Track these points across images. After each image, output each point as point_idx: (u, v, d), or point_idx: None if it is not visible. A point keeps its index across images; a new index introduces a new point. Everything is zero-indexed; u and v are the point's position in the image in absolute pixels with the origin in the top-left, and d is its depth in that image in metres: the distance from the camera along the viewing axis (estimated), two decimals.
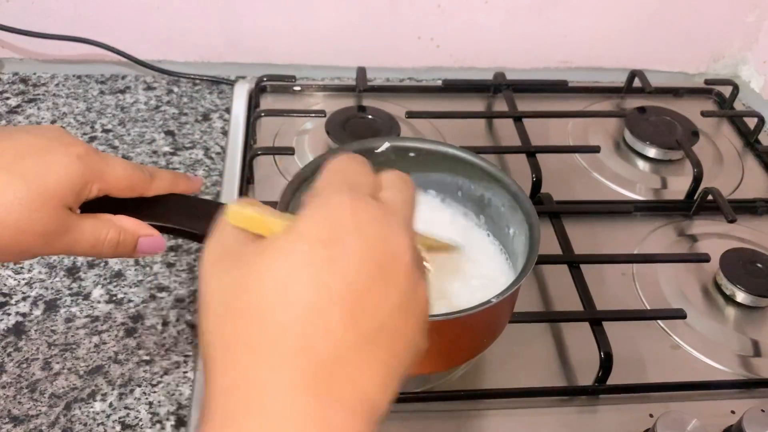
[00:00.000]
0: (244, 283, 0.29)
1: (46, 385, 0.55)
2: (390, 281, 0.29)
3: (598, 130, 0.85)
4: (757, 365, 0.60)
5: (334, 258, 0.28)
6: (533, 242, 0.49)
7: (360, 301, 0.28)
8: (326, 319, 0.27)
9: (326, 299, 0.28)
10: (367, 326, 0.28)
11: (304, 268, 0.28)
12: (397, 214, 0.32)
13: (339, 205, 0.30)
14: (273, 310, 0.27)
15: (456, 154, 0.56)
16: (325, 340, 0.27)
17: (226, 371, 0.28)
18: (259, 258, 0.29)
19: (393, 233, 0.30)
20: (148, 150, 0.77)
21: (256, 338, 0.27)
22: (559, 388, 0.57)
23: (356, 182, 0.33)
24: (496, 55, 0.94)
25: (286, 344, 0.27)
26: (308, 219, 0.30)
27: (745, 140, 0.86)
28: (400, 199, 0.33)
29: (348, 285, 0.28)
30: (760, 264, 0.66)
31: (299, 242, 0.29)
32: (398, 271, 0.30)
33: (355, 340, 0.28)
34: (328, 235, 0.29)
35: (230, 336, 0.28)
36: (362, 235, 0.29)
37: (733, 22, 0.94)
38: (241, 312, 0.28)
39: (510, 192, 0.54)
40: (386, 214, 0.31)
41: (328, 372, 0.27)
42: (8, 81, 0.86)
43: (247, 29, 0.88)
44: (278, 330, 0.27)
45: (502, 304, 0.46)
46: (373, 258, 0.29)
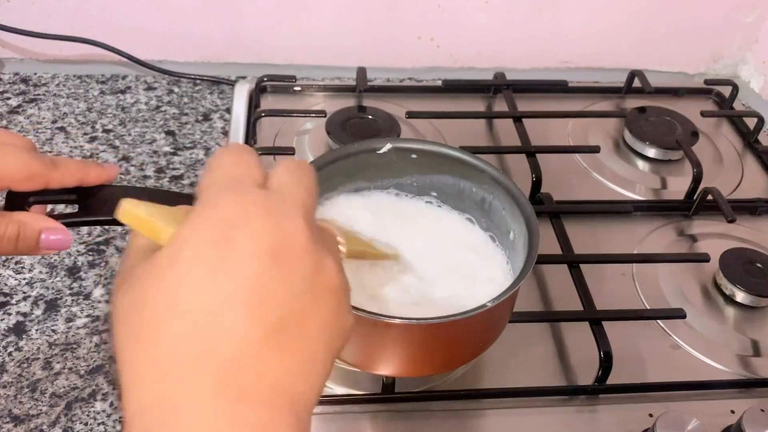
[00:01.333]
0: (138, 302, 0.28)
1: (46, 384, 0.55)
2: (287, 267, 0.29)
3: (598, 130, 0.85)
4: (757, 365, 0.60)
5: (223, 256, 0.28)
6: (532, 245, 0.49)
7: (258, 293, 0.28)
8: (224, 320, 0.27)
9: (221, 300, 0.27)
10: (271, 317, 0.28)
11: (192, 274, 0.27)
12: (287, 199, 0.31)
13: (222, 202, 0.29)
14: (168, 323, 0.27)
15: (458, 156, 0.57)
16: (227, 340, 0.27)
17: (137, 392, 0.27)
18: (149, 273, 0.28)
19: (282, 218, 0.29)
20: (148, 150, 0.77)
21: (156, 355, 0.27)
22: (559, 388, 0.57)
23: (239, 175, 0.31)
24: (496, 55, 0.94)
25: (186, 354, 0.27)
26: (192, 222, 0.29)
27: (745, 140, 0.86)
28: (291, 182, 0.32)
29: (243, 280, 0.27)
30: (759, 264, 0.66)
31: (184, 248, 0.28)
32: (294, 254, 0.29)
33: (262, 333, 0.27)
34: (213, 234, 0.28)
35: (134, 357, 0.28)
36: (249, 227, 0.28)
37: (733, 23, 0.94)
38: (140, 331, 0.28)
39: (511, 194, 0.54)
40: (274, 201, 0.30)
41: (235, 371, 0.27)
42: (9, 81, 0.86)
43: (247, 29, 0.88)
44: (176, 342, 0.27)
45: (502, 306, 0.46)
46: (265, 247, 0.28)
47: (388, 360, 0.50)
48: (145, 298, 0.28)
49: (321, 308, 0.30)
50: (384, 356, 0.49)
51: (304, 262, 0.29)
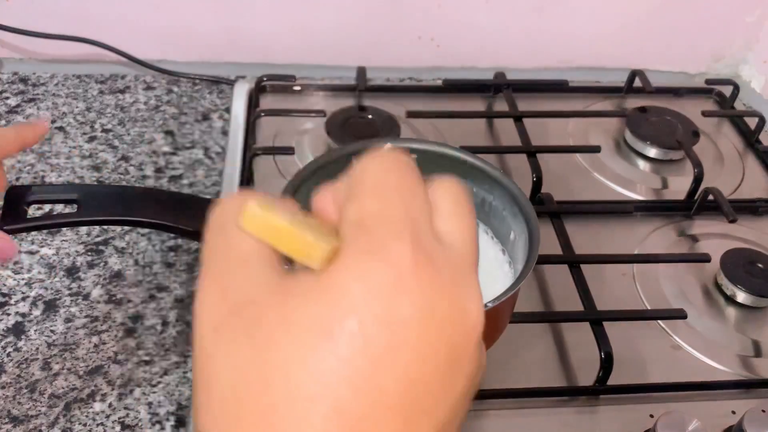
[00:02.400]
0: (265, 370, 0.21)
1: (45, 385, 0.55)
2: (458, 368, 0.23)
3: (599, 130, 0.84)
4: (758, 365, 0.60)
5: (393, 347, 0.21)
6: (533, 246, 0.49)
7: (420, 402, 0.22)
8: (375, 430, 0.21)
9: (376, 406, 0.21)
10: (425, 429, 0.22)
11: (351, 362, 0.21)
12: (465, 263, 0.24)
13: (400, 262, 0.22)
14: (305, 418, 0.21)
15: (458, 155, 0.56)
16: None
17: None
18: (287, 333, 0.21)
19: (468, 301, 0.23)
20: (147, 150, 0.77)
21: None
22: (560, 389, 0.57)
23: (416, 216, 0.24)
24: (497, 54, 0.93)
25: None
26: (359, 275, 0.22)
27: (746, 140, 0.86)
28: (465, 233, 0.25)
29: (407, 384, 0.21)
30: (760, 264, 0.66)
31: (347, 317, 0.21)
32: (468, 351, 0.23)
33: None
34: (385, 310, 0.21)
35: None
36: (431, 310, 0.22)
37: (734, 22, 0.94)
38: (261, 414, 0.21)
39: (511, 195, 0.54)
40: (456, 272, 0.23)
41: None
42: (8, 81, 0.86)
43: (247, 29, 0.88)
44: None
45: (502, 306, 0.46)
46: (442, 343, 0.22)
47: None
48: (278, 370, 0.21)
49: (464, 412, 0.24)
50: None
51: (475, 361, 0.23)
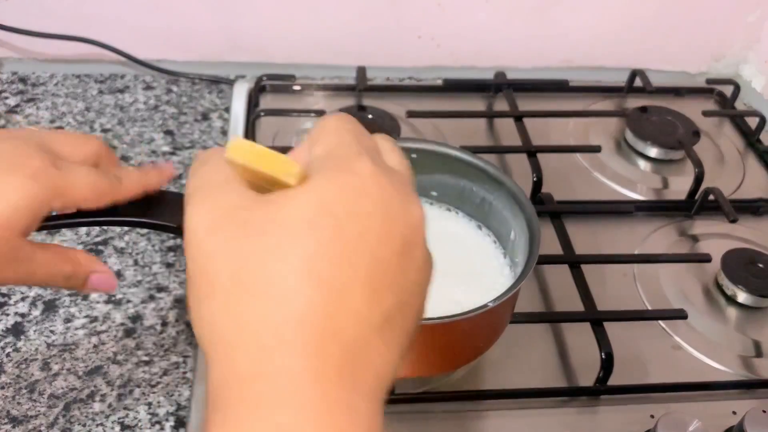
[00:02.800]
0: (260, 255, 0.26)
1: (45, 385, 0.54)
2: (410, 255, 0.28)
3: (599, 129, 0.84)
4: (759, 366, 0.60)
5: (362, 233, 0.27)
6: (533, 246, 0.49)
7: (384, 277, 0.27)
8: (351, 299, 0.26)
9: (353, 279, 0.26)
10: (387, 304, 0.27)
11: (331, 245, 0.26)
12: (407, 181, 0.30)
13: (361, 171, 0.28)
14: (297, 289, 0.25)
15: (458, 155, 0.56)
16: (350, 321, 0.26)
17: (246, 355, 0.25)
18: (278, 226, 0.26)
19: (411, 203, 0.29)
20: (147, 150, 0.77)
21: (278, 320, 0.25)
22: (560, 389, 0.56)
23: (369, 147, 0.30)
24: (497, 54, 0.93)
25: (311, 328, 0.25)
26: (331, 183, 0.27)
27: (747, 140, 0.86)
28: (403, 164, 0.31)
29: (373, 261, 0.27)
30: (761, 264, 0.66)
31: (326, 214, 0.26)
32: (417, 244, 0.29)
33: (377, 319, 0.26)
34: (354, 206, 0.27)
35: (247, 315, 0.25)
36: (388, 207, 0.28)
37: (735, 22, 0.94)
38: (259, 288, 0.25)
39: (512, 194, 0.54)
40: (401, 182, 0.29)
41: (352, 356, 0.25)
42: (7, 80, 0.86)
43: (246, 29, 0.88)
44: (303, 312, 0.25)
45: (502, 307, 0.46)
46: (396, 232, 0.28)
47: None
48: (272, 253, 0.26)
49: (418, 301, 0.29)
50: None
51: (422, 252, 0.29)
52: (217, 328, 0.26)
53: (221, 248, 0.27)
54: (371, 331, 0.26)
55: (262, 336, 0.25)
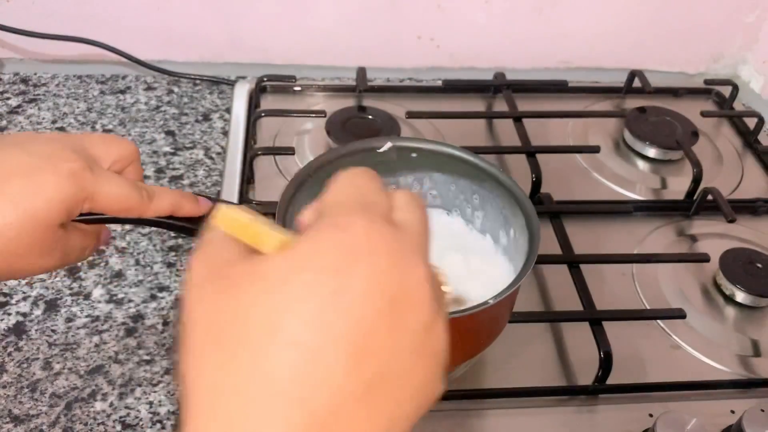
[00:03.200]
0: (233, 312, 0.25)
1: (46, 384, 0.55)
2: (402, 319, 0.26)
3: (598, 130, 0.85)
4: (757, 365, 0.60)
5: (340, 291, 0.25)
6: (533, 244, 0.49)
7: (365, 341, 0.25)
8: (325, 364, 0.24)
9: (327, 340, 0.24)
10: (371, 371, 0.25)
11: (305, 303, 0.25)
12: (414, 240, 0.28)
13: (350, 228, 0.26)
14: (266, 350, 0.24)
15: (458, 154, 0.57)
16: (323, 388, 0.24)
17: (213, 416, 0.24)
18: (253, 282, 0.26)
19: (410, 262, 0.27)
20: (148, 150, 0.77)
21: (245, 381, 0.24)
22: (559, 388, 0.57)
23: (370, 201, 0.29)
24: (496, 55, 0.94)
25: (278, 392, 0.24)
26: (313, 241, 0.26)
27: (745, 140, 0.86)
28: (415, 222, 0.29)
29: (354, 323, 0.25)
30: (759, 264, 0.66)
31: (302, 270, 0.25)
32: (413, 306, 0.26)
33: (356, 387, 0.25)
34: (335, 262, 0.25)
35: (216, 374, 0.25)
36: (374, 264, 0.26)
37: (733, 23, 0.94)
38: (230, 348, 0.25)
39: (511, 193, 0.54)
40: (402, 240, 0.27)
41: (323, 425, 0.24)
42: (9, 81, 0.86)
43: (247, 29, 0.88)
44: (271, 374, 0.24)
45: (501, 305, 0.46)
46: (385, 291, 0.25)
47: None
48: (246, 311, 0.25)
49: (420, 371, 0.27)
50: None
51: (421, 318, 0.26)
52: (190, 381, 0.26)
53: (202, 301, 0.27)
54: (346, 399, 0.24)
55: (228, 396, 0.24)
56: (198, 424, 0.25)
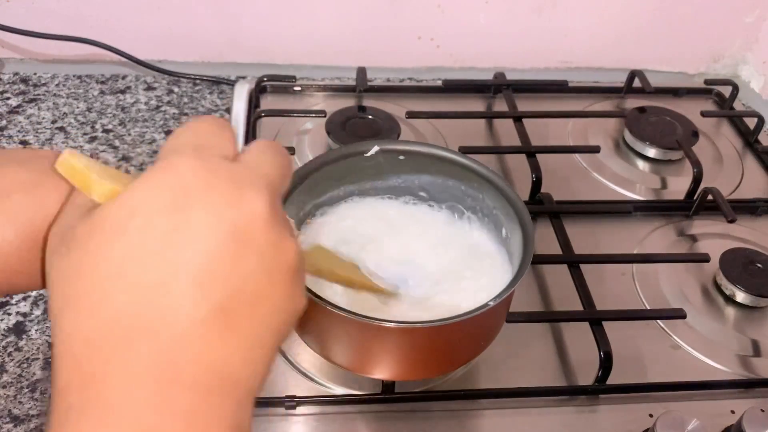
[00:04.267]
0: (78, 269, 0.26)
1: (46, 384, 0.55)
2: (246, 243, 0.27)
3: (598, 130, 0.85)
4: (757, 365, 0.60)
5: (176, 227, 0.26)
6: (527, 242, 0.49)
7: (211, 269, 0.26)
8: (171, 296, 0.25)
9: (170, 274, 0.25)
10: (221, 295, 0.26)
11: (141, 245, 0.26)
12: (254, 173, 0.29)
13: (180, 167, 0.27)
14: (110, 296, 0.25)
15: (445, 155, 0.56)
16: (168, 319, 0.25)
17: (64, 368, 0.25)
18: (91, 237, 0.26)
19: (246, 192, 0.27)
20: (148, 150, 0.77)
21: (90, 329, 0.25)
22: (559, 388, 0.57)
23: (205, 143, 0.29)
24: (496, 55, 0.94)
25: (124, 330, 0.25)
26: (145, 186, 0.27)
27: (745, 140, 0.86)
28: (262, 159, 0.30)
29: (195, 255, 0.26)
30: (759, 264, 0.66)
31: (135, 215, 0.26)
32: (254, 231, 0.27)
33: (207, 313, 0.25)
34: (168, 201, 0.26)
35: (68, 328, 0.26)
36: (209, 197, 0.27)
37: (733, 23, 0.94)
38: (78, 301, 0.26)
39: (501, 192, 0.54)
40: (239, 173, 0.28)
41: (172, 352, 0.25)
42: (9, 81, 0.86)
43: (247, 29, 0.88)
44: (116, 317, 0.25)
45: (500, 306, 0.46)
46: (222, 221, 0.26)
47: (391, 364, 0.49)
48: (87, 265, 0.26)
49: (276, 290, 0.28)
50: (387, 361, 0.49)
51: (264, 240, 0.27)
52: (53, 342, 0.27)
53: (53, 268, 0.28)
54: (197, 325, 0.25)
55: (78, 346, 0.25)
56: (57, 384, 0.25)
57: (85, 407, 0.25)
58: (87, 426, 0.24)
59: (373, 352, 0.48)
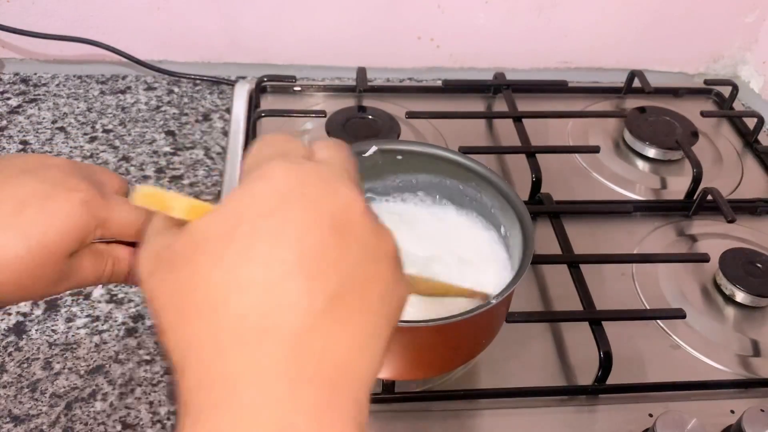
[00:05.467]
0: (189, 283, 0.27)
1: (46, 384, 0.55)
2: (346, 233, 0.28)
3: (598, 130, 0.85)
4: (757, 365, 0.60)
5: (280, 228, 0.27)
6: (527, 241, 0.49)
7: (320, 260, 0.27)
8: (287, 293, 0.26)
9: (282, 273, 0.26)
10: (331, 287, 0.27)
11: (251, 248, 0.27)
12: (338, 168, 0.31)
13: (272, 173, 0.29)
14: (228, 299, 0.26)
15: (443, 155, 0.56)
16: (289, 315, 0.26)
17: (193, 370, 0.26)
18: (198, 251, 0.27)
19: (337, 186, 0.29)
20: (148, 150, 0.77)
21: (216, 332, 0.26)
22: (559, 388, 0.57)
23: (287, 149, 0.31)
24: (496, 55, 0.94)
25: (248, 330, 0.26)
26: (243, 195, 0.28)
27: (745, 140, 0.86)
28: (336, 158, 0.32)
29: (303, 247, 0.27)
30: (759, 264, 0.66)
31: (240, 223, 0.27)
32: (352, 221, 0.28)
33: (324, 304, 0.26)
34: (268, 206, 0.27)
35: (190, 337, 0.27)
36: (305, 196, 0.28)
37: (733, 23, 0.94)
38: (196, 312, 0.27)
39: (500, 191, 0.54)
40: (325, 170, 0.30)
41: (298, 347, 0.26)
42: (9, 81, 0.86)
43: (247, 29, 0.88)
44: (238, 318, 0.26)
45: (499, 306, 0.46)
46: (322, 215, 0.28)
47: (391, 364, 0.49)
48: (201, 276, 0.27)
49: (381, 276, 0.29)
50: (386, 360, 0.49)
51: (363, 227, 0.29)
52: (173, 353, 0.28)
53: (157, 288, 0.29)
54: (316, 317, 0.26)
55: (204, 349, 0.26)
56: (185, 386, 0.26)
57: (219, 406, 0.25)
58: (223, 423, 0.25)
59: None
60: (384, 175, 0.57)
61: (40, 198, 0.38)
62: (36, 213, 0.37)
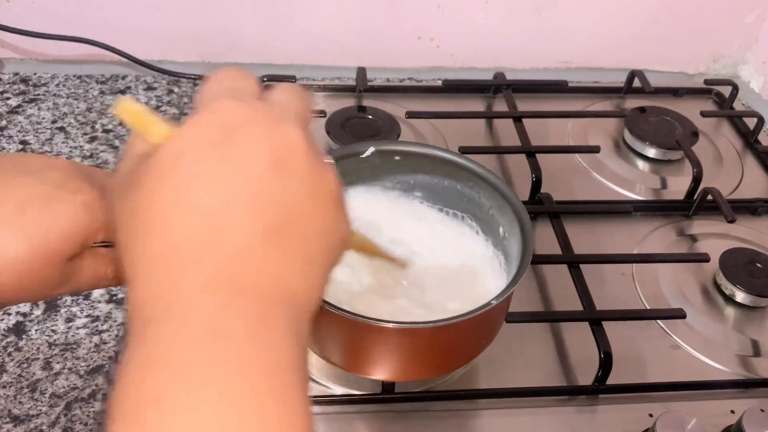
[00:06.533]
0: (141, 203, 0.29)
1: (46, 384, 0.55)
2: (289, 170, 0.30)
3: (598, 130, 0.85)
4: (757, 365, 0.60)
5: (225, 158, 0.29)
6: (526, 241, 0.49)
7: (261, 193, 0.29)
8: (228, 218, 0.28)
9: (225, 199, 0.28)
10: (272, 217, 0.29)
11: (196, 177, 0.28)
12: (286, 109, 0.32)
13: (222, 108, 0.30)
14: (172, 221, 0.28)
15: (441, 155, 0.56)
16: (229, 237, 0.28)
17: (140, 287, 0.28)
18: (153, 173, 0.29)
19: (283, 126, 0.30)
20: None
21: (160, 251, 0.28)
22: (559, 388, 0.57)
23: (239, 87, 0.33)
24: (496, 55, 0.94)
25: (190, 249, 0.28)
26: (193, 125, 0.30)
27: (745, 140, 0.86)
28: (289, 99, 0.33)
29: (245, 180, 0.28)
30: (759, 264, 0.66)
31: (187, 150, 0.29)
32: (296, 159, 0.30)
33: (263, 232, 0.28)
34: (215, 137, 0.29)
35: (138, 255, 0.29)
36: (251, 131, 0.29)
37: (733, 22, 0.94)
38: (144, 231, 0.29)
39: (498, 191, 0.54)
40: (273, 110, 0.31)
41: (236, 266, 0.28)
42: (9, 81, 0.86)
43: (247, 29, 0.88)
44: (181, 238, 0.28)
45: (499, 306, 0.46)
46: (267, 150, 0.29)
47: (391, 365, 0.49)
48: (151, 197, 0.29)
49: (320, 213, 0.31)
50: (386, 361, 0.49)
51: (305, 166, 0.30)
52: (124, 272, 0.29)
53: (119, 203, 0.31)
54: (254, 244, 0.28)
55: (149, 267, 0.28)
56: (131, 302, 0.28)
57: (161, 317, 0.27)
58: (164, 332, 0.26)
59: (372, 353, 0.48)
60: (382, 176, 0.57)
61: (42, 200, 0.37)
62: (38, 214, 0.37)
